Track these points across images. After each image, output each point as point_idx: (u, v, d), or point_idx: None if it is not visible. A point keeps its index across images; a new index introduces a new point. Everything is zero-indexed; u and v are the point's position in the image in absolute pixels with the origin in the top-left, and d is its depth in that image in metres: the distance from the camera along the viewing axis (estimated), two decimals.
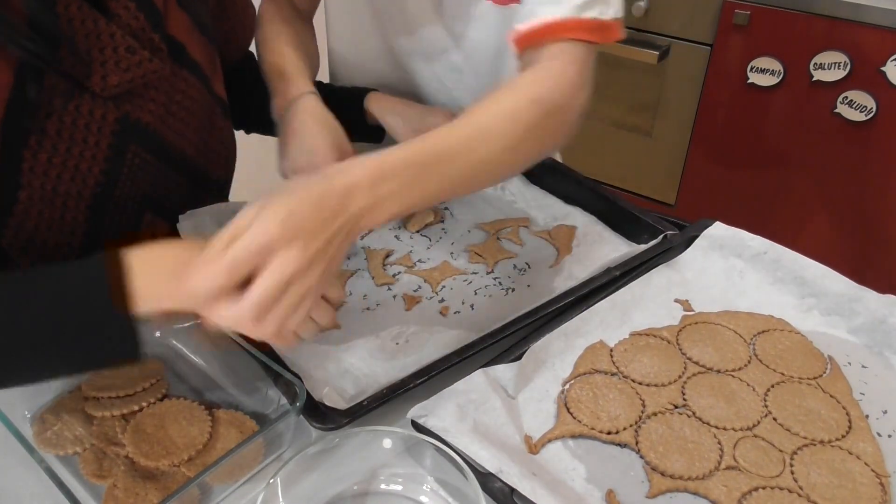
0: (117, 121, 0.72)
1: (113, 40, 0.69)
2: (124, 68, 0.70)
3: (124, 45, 0.69)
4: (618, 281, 0.78)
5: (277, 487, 0.57)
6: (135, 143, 0.75)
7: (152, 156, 0.77)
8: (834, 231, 1.82)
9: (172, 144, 0.79)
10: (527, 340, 0.71)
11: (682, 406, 0.67)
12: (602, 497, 0.60)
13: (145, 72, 0.72)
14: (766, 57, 1.69)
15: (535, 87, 0.68)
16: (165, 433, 0.63)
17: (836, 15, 1.58)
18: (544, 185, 0.98)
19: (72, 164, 0.70)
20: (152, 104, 0.75)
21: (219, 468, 0.58)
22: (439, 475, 0.61)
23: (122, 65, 0.70)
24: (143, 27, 0.71)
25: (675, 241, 0.83)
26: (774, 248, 0.81)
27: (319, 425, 0.61)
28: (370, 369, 0.71)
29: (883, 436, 0.65)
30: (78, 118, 0.69)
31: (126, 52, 0.70)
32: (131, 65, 0.70)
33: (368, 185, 0.57)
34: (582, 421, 0.65)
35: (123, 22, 0.70)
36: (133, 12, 0.70)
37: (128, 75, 0.70)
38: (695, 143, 1.88)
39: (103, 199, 0.75)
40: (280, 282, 0.52)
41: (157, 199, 0.81)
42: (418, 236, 0.90)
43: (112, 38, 0.69)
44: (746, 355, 0.73)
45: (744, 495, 0.59)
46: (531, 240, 0.89)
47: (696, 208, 1.96)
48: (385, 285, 0.82)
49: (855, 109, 1.64)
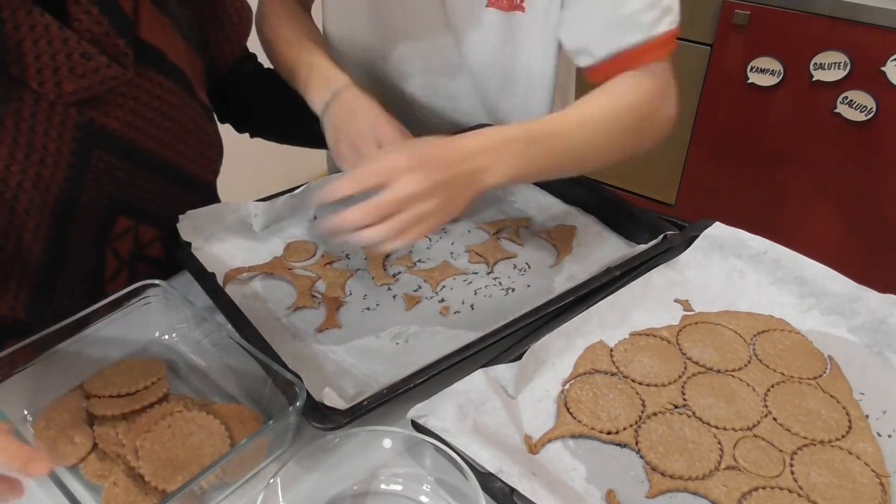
0: (79, 126, 0.71)
1: (66, 46, 0.67)
2: (80, 74, 0.69)
3: (79, 50, 0.68)
4: (618, 281, 0.78)
5: (277, 487, 0.57)
6: (99, 149, 0.74)
7: (120, 160, 0.76)
8: (834, 231, 1.82)
9: (145, 149, 0.78)
10: (527, 340, 0.71)
11: (682, 406, 0.67)
12: (602, 497, 0.60)
13: (103, 78, 0.70)
14: (766, 57, 1.69)
15: (631, 96, 0.78)
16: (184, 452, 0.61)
17: (836, 15, 1.58)
18: (544, 185, 0.98)
19: (32, 171, 0.69)
20: (120, 110, 0.74)
21: (218, 468, 0.58)
22: (439, 475, 0.61)
23: (77, 71, 0.68)
24: (107, 32, 0.70)
25: (675, 241, 0.83)
26: (774, 248, 0.81)
27: (319, 425, 0.61)
28: (370, 369, 0.71)
29: (883, 436, 0.65)
30: (35, 125, 0.68)
31: (81, 58, 0.68)
32: (87, 71, 0.69)
33: (489, 147, 0.67)
34: (582, 421, 0.65)
35: (83, 27, 0.68)
36: (95, 17, 0.69)
37: (84, 82, 0.69)
38: (695, 143, 1.88)
39: (69, 205, 0.74)
40: (400, 195, 0.60)
41: (129, 202, 0.80)
42: None
43: (65, 44, 0.67)
44: (746, 355, 0.73)
45: (744, 495, 0.59)
46: (531, 240, 0.89)
47: (696, 208, 1.96)
48: (385, 285, 0.82)
49: (855, 109, 1.64)
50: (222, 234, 0.86)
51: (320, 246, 0.88)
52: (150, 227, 0.83)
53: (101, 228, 0.79)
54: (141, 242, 0.83)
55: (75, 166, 0.72)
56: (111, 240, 0.80)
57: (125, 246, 0.82)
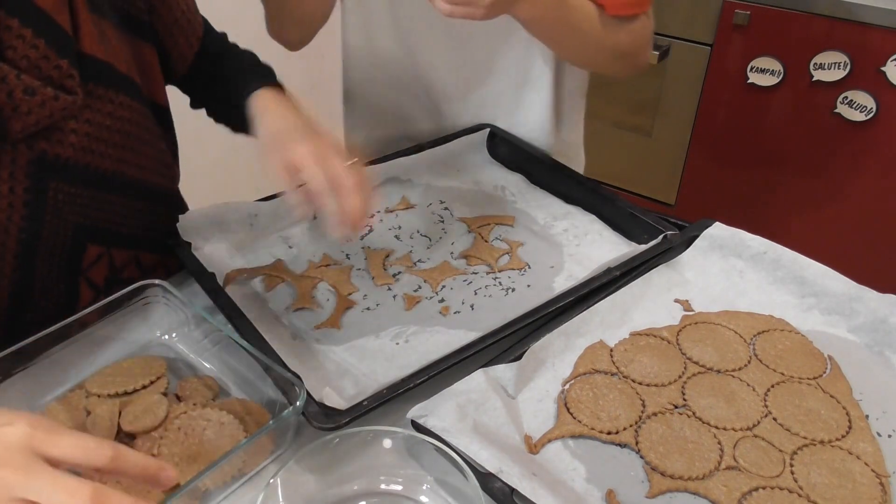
0: (31, 163, 0.66)
1: (6, 84, 0.61)
2: (25, 112, 0.63)
3: (20, 87, 0.62)
4: (618, 281, 0.78)
5: (277, 487, 0.57)
6: (55, 180, 0.68)
7: (79, 187, 0.71)
8: (834, 231, 1.82)
9: (105, 170, 0.73)
10: (527, 340, 0.71)
11: (682, 406, 0.67)
12: (602, 497, 0.60)
13: (51, 111, 0.64)
14: (766, 57, 1.69)
15: (637, 29, 0.91)
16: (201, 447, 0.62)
17: (836, 15, 1.58)
18: (545, 185, 0.98)
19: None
20: (73, 135, 0.68)
21: (220, 467, 0.58)
22: (439, 475, 0.61)
23: (21, 109, 0.62)
24: (46, 55, 0.63)
25: (675, 241, 0.83)
26: (774, 248, 0.81)
27: (319, 425, 0.61)
28: (370, 369, 0.71)
29: (883, 436, 0.65)
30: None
31: (24, 94, 0.62)
32: (33, 107, 0.63)
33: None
34: (582, 421, 0.65)
35: (19, 55, 0.62)
36: (30, 41, 0.62)
37: (31, 119, 0.63)
38: (695, 143, 1.88)
39: (30, 243, 0.69)
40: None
41: (96, 228, 0.75)
42: (418, 236, 0.90)
43: (5, 82, 0.61)
44: (746, 355, 0.73)
45: (744, 495, 0.59)
46: (531, 240, 0.89)
47: (696, 208, 1.96)
48: (385, 285, 0.82)
49: (855, 109, 1.64)
50: (222, 234, 0.86)
51: (327, 250, 0.88)
52: (122, 250, 0.79)
53: (71, 260, 0.74)
54: (116, 266, 0.79)
55: (31, 203, 0.67)
56: (84, 270, 0.76)
57: (100, 273, 0.78)
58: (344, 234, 0.68)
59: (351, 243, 0.87)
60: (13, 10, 0.61)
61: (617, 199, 0.90)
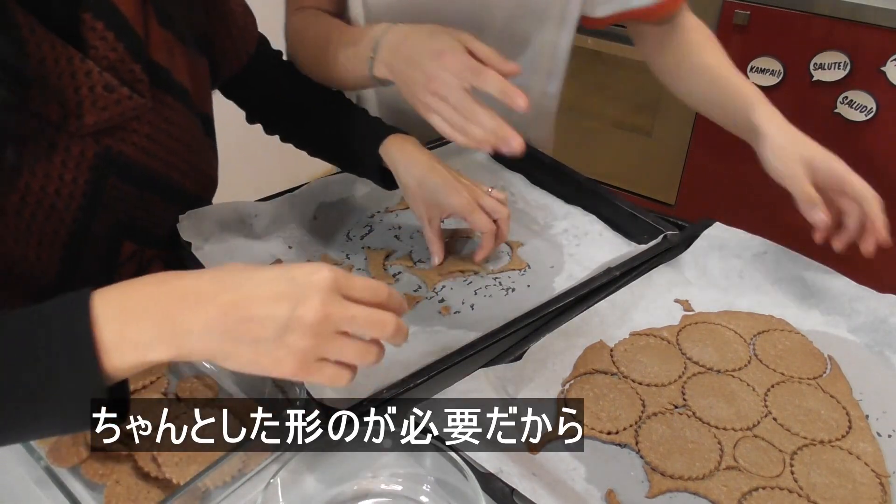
0: (96, 156, 0.69)
1: (89, 79, 0.64)
2: (101, 107, 0.66)
3: (101, 83, 0.65)
4: (618, 281, 0.78)
5: (277, 487, 0.57)
6: (114, 176, 0.71)
7: (133, 186, 0.74)
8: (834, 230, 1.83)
9: (158, 173, 0.76)
10: (527, 340, 0.71)
11: (683, 406, 0.67)
12: (602, 497, 0.60)
13: (124, 109, 0.68)
14: (766, 57, 1.69)
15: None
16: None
17: (836, 15, 1.58)
18: (545, 185, 0.98)
19: (47, 203, 0.67)
20: (136, 136, 0.72)
21: (220, 467, 0.58)
22: (439, 475, 0.61)
23: (98, 104, 0.66)
24: (123, 58, 0.67)
25: (675, 241, 0.83)
26: (774, 249, 0.81)
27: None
28: (370, 369, 0.70)
29: (883, 436, 0.65)
30: (53, 155, 0.66)
31: (104, 90, 0.66)
32: (109, 103, 0.66)
33: None
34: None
35: (100, 55, 0.65)
36: (111, 43, 0.66)
37: (105, 114, 0.67)
38: (695, 143, 1.88)
39: (81, 235, 0.72)
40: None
41: (136, 228, 0.78)
42: (418, 236, 0.90)
43: (88, 77, 0.64)
44: (746, 355, 0.73)
45: (744, 495, 0.59)
46: (531, 240, 0.89)
47: (696, 208, 1.96)
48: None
49: (855, 109, 1.64)
50: (222, 234, 0.86)
51: (325, 248, 0.88)
52: (152, 250, 0.81)
53: (110, 255, 0.77)
54: (143, 265, 0.81)
55: (89, 195, 0.70)
56: (119, 266, 0.78)
57: (130, 270, 0.80)
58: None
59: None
60: (100, 14, 0.65)
61: (617, 199, 0.90)
